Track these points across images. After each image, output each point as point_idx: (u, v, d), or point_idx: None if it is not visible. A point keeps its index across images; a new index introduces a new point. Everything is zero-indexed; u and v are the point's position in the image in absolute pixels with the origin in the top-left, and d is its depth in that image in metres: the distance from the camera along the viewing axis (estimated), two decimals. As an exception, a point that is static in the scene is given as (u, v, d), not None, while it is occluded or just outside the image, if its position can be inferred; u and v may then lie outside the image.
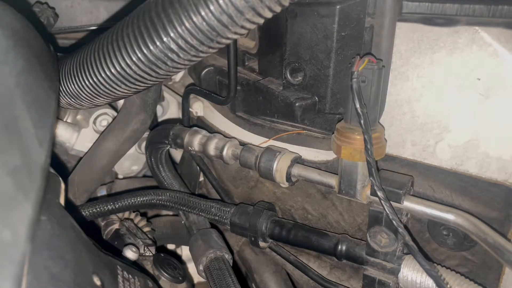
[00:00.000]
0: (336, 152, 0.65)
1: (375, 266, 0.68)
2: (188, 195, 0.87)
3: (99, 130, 0.98)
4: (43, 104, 0.53)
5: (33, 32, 0.62)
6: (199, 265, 0.79)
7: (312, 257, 0.82)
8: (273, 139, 0.78)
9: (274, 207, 0.85)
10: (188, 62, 0.59)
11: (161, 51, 0.56)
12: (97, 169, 0.92)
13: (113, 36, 0.61)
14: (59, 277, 0.45)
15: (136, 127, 0.90)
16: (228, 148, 0.79)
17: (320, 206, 0.79)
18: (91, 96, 0.68)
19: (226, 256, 0.80)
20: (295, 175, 0.72)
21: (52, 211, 0.49)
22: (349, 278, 0.79)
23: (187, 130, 0.86)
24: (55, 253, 0.46)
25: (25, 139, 0.44)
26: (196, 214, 0.86)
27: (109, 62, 0.61)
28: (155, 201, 0.88)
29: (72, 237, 0.51)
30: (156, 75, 0.61)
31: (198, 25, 0.53)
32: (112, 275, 0.57)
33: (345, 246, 0.71)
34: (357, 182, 0.66)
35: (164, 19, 0.54)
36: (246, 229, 0.80)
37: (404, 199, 0.63)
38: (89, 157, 0.92)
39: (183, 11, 0.53)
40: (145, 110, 0.89)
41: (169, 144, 0.89)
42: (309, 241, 0.74)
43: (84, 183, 0.92)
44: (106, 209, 0.87)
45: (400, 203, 0.63)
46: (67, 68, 0.69)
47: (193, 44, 0.55)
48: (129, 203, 0.88)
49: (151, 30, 0.56)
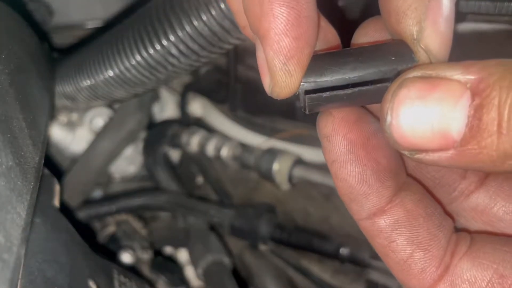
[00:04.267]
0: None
1: (378, 269, 0.68)
2: (187, 197, 0.87)
3: (95, 130, 0.97)
4: (37, 103, 0.53)
5: (27, 30, 0.62)
6: (197, 269, 0.78)
7: (314, 260, 0.82)
8: (274, 139, 0.78)
9: (274, 209, 0.84)
10: (189, 67, 0.59)
11: (161, 56, 0.56)
12: (93, 170, 0.91)
13: (113, 39, 0.60)
14: (54, 281, 0.45)
15: (132, 127, 0.89)
16: (227, 149, 0.79)
17: (322, 208, 0.78)
18: (88, 99, 0.68)
19: (225, 259, 0.79)
20: (297, 176, 0.72)
21: (46, 213, 0.49)
22: (352, 282, 0.78)
23: (186, 130, 0.86)
24: (50, 256, 0.46)
25: (18, 139, 0.43)
26: (194, 216, 0.85)
27: (108, 65, 0.61)
28: (153, 202, 0.87)
29: (67, 240, 0.51)
30: (156, 80, 0.60)
31: (199, 30, 0.52)
32: (108, 279, 0.57)
33: (347, 249, 0.71)
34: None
35: (165, 23, 0.54)
36: (246, 232, 0.79)
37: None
38: (85, 158, 0.91)
39: (184, 15, 0.52)
40: (142, 109, 0.89)
41: (167, 144, 0.88)
42: (311, 244, 0.74)
43: (80, 184, 0.91)
44: (102, 211, 0.86)
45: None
46: (63, 69, 0.69)
47: (194, 49, 0.54)
48: (125, 205, 0.87)
49: (152, 34, 0.55)
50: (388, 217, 0.29)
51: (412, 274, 0.29)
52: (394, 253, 0.29)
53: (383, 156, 0.29)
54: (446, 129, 0.23)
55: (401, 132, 0.24)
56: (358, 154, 0.29)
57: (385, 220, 0.29)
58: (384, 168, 0.29)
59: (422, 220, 0.29)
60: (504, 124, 0.22)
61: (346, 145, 0.29)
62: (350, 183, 0.29)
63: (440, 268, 0.29)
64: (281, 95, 0.29)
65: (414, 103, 0.24)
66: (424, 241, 0.29)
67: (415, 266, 0.29)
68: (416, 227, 0.29)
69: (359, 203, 0.29)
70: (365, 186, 0.29)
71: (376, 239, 0.30)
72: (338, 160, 0.29)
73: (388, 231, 0.29)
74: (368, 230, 0.30)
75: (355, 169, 0.29)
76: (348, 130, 0.29)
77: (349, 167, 0.29)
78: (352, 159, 0.29)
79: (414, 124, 0.24)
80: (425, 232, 0.29)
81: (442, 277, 0.29)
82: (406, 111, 0.24)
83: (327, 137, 0.30)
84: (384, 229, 0.29)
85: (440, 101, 0.23)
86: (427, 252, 0.29)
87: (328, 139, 0.29)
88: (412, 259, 0.29)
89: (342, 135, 0.29)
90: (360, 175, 0.29)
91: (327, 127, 0.30)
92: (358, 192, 0.29)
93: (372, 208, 0.29)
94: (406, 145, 0.25)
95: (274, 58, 0.27)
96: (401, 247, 0.29)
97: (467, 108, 0.23)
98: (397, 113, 0.24)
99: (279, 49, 0.27)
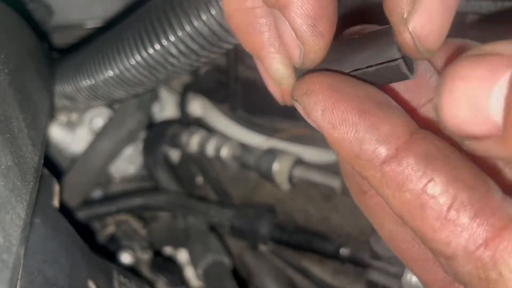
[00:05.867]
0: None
1: (379, 269, 0.67)
2: (186, 197, 0.86)
3: (95, 130, 0.97)
4: (37, 103, 0.52)
5: (27, 30, 0.61)
6: (197, 269, 0.78)
7: (314, 261, 0.81)
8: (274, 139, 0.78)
9: (274, 210, 0.84)
10: (189, 67, 0.58)
11: (161, 55, 0.56)
12: (92, 170, 0.91)
13: (113, 39, 0.60)
14: (54, 281, 0.44)
15: (132, 127, 0.89)
16: (227, 149, 0.79)
17: (323, 209, 0.78)
18: (88, 99, 0.68)
19: (225, 260, 0.79)
20: (297, 177, 0.71)
21: (46, 214, 0.49)
22: (352, 282, 0.78)
23: (185, 130, 0.85)
24: (49, 256, 0.46)
25: (17, 139, 0.43)
26: (194, 216, 0.85)
27: (108, 65, 0.61)
28: (152, 202, 0.87)
29: (66, 240, 0.51)
30: (156, 80, 0.60)
31: (199, 30, 0.52)
32: (107, 279, 0.57)
33: (348, 249, 0.71)
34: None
35: (165, 23, 0.54)
36: (246, 232, 0.79)
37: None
38: (84, 158, 0.91)
39: (184, 15, 0.52)
40: (142, 109, 0.89)
41: (167, 144, 0.88)
42: (311, 244, 0.74)
43: (79, 184, 0.91)
44: (101, 211, 0.86)
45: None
46: (63, 69, 0.69)
47: (194, 49, 0.54)
48: (125, 205, 0.87)
49: (151, 34, 0.55)
50: (417, 149, 0.23)
51: (462, 225, 0.22)
52: (434, 199, 0.23)
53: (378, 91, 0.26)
54: (485, 108, 0.20)
55: (447, 113, 0.22)
56: (347, 91, 0.26)
57: (414, 152, 0.23)
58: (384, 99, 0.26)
59: (458, 155, 0.24)
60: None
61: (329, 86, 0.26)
62: (352, 120, 0.25)
63: (498, 215, 0.22)
64: (315, 61, 0.27)
65: (458, 83, 0.21)
66: (469, 179, 0.23)
67: (464, 212, 0.22)
68: (454, 161, 0.23)
69: (371, 140, 0.24)
70: (369, 115, 0.25)
71: (407, 185, 0.23)
72: (326, 104, 0.25)
73: (421, 167, 0.23)
74: (396, 176, 0.24)
75: (351, 103, 0.25)
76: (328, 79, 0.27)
77: (343, 104, 0.25)
78: (344, 95, 0.25)
79: (458, 104, 0.21)
80: (467, 168, 0.23)
81: (506, 228, 0.22)
82: (452, 89, 0.21)
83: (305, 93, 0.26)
84: (415, 166, 0.23)
85: (483, 78, 0.21)
86: (475, 191, 0.22)
87: (308, 93, 0.26)
88: (458, 202, 0.22)
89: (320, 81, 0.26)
90: (360, 106, 0.25)
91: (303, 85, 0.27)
92: (365, 125, 0.24)
93: (391, 138, 0.24)
94: (455, 128, 0.22)
95: (303, 24, 0.26)
96: (441, 186, 0.23)
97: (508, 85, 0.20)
98: (442, 93, 0.22)
99: (306, 13, 0.25)
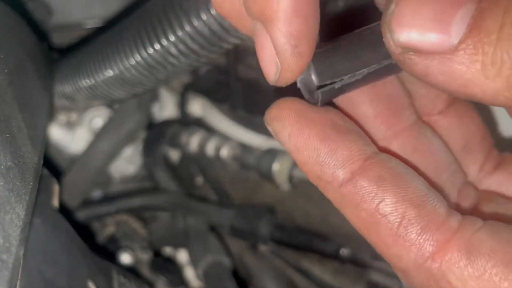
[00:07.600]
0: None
1: (379, 270, 0.67)
2: (186, 197, 0.86)
3: (95, 130, 0.97)
4: (36, 103, 0.52)
5: (26, 30, 0.61)
6: (197, 270, 0.78)
7: (314, 261, 0.81)
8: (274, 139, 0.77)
9: (274, 210, 0.84)
10: (189, 67, 0.58)
11: (161, 55, 0.55)
12: (92, 170, 0.91)
13: (112, 39, 0.60)
14: (53, 282, 0.44)
15: (132, 127, 0.89)
16: (227, 149, 0.79)
17: (323, 209, 0.78)
18: (87, 99, 0.67)
19: (225, 260, 0.79)
20: (297, 177, 0.71)
21: (45, 214, 0.48)
22: (353, 283, 0.78)
23: (185, 130, 0.85)
24: (49, 257, 0.46)
25: (17, 139, 0.43)
26: (194, 216, 0.85)
27: (108, 65, 0.60)
28: (152, 202, 0.87)
29: (66, 241, 0.51)
30: (156, 80, 0.60)
31: (199, 29, 0.52)
32: (107, 280, 0.56)
33: (348, 249, 0.71)
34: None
35: (165, 22, 0.53)
36: (246, 232, 0.79)
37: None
38: (84, 158, 0.91)
39: (184, 15, 0.52)
40: (142, 109, 0.89)
41: (167, 144, 0.88)
42: (311, 245, 0.74)
43: (79, 184, 0.91)
44: (101, 211, 0.86)
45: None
46: (63, 69, 0.68)
47: (194, 49, 0.54)
48: (125, 205, 0.87)
49: (151, 34, 0.55)
50: (370, 172, 0.26)
51: (410, 241, 0.25)
52: (385, 218, 0.25)
53: (341, 117, 0.28)
54: (447, 22, 0.21)
55: (401, 18, 0.22)
56: (311, 117, 0.27)
57: (367, 176, 0.25)
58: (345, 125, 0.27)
59: (409, 176, 0.26)
60: (506, 28, 0.20)
61: (296, 112, 0.27)
62: (314, 145, 0.26)
63: (443, 229, 0.24)
64: (290, 80, 0.27)
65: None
66: (415, 198, 0.25)
67: (411, 228, 0.25)
68: (403, 182, 0.26)
69: (330, 164, 0.26)
70: (329, 142, 0.26)
71: (362, 205, 0.26)
72: (292, 129, 0.27)
73: (373, 189, 0.25)
74: (352, 197, 0.26)
75: (313, 129, 0.26)
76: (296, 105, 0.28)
77: (307, 130, 0.26)
78: (308, 122, 0.27)
79: (417, 10, 0.21)
80: (414, 188, 0.26)
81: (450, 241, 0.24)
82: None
83: (274, 118, 0.28)
84: (368, 188, 0.25)
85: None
86: (421, 209, 0.25)
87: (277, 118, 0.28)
88: (406, 220, 0.25)
89: (289, 108, 0.27)
90: (321, 132, 0.26)
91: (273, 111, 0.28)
92: (325, 151, 0.26)
93: (347, 163, 0.26)
94: (402, 37, 0.22)
95: (286, 43, 0.25)
96: (391, 206, 0.25)
97: (474, 7, 0.21)
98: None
99: (291, 32, 0.25)
